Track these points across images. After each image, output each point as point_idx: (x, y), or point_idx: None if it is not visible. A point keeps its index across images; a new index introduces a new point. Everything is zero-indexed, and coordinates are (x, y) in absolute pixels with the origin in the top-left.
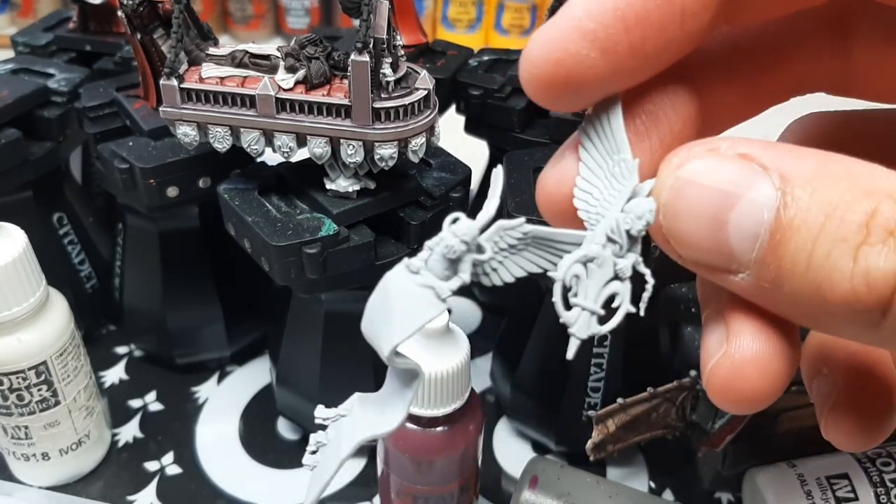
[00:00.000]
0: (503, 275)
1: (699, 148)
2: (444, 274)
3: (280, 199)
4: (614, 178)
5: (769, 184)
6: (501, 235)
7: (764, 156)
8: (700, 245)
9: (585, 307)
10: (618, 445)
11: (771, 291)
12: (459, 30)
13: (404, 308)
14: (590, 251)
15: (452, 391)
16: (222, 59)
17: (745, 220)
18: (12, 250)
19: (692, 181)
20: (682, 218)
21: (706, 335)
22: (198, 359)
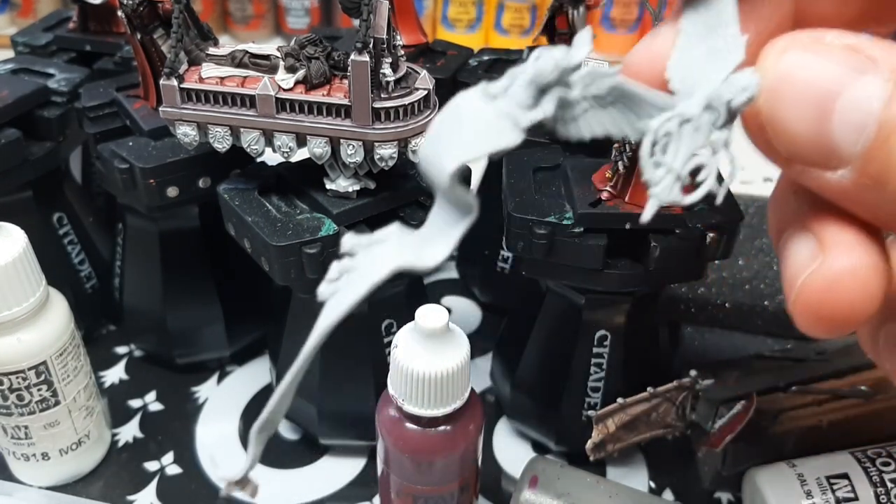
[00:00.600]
0: (582, 127)
1: (805, 36)
2: (525, 103)
3: (280, 199)
4: (717, 52)
5: (879, 75)
6: (592, 80)
7: (873, 48)
8: (801, 135)
9: (673, 168)
10: (618, 445)
11: (873, 189)
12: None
13: (476, 130)
14: (688, 111)
15: (452, 391)
16: (222, 59)
17: (852, 111)
18: (12, 250)
19: (799, 65)
20: (784, 105)
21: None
22: (198, 359)
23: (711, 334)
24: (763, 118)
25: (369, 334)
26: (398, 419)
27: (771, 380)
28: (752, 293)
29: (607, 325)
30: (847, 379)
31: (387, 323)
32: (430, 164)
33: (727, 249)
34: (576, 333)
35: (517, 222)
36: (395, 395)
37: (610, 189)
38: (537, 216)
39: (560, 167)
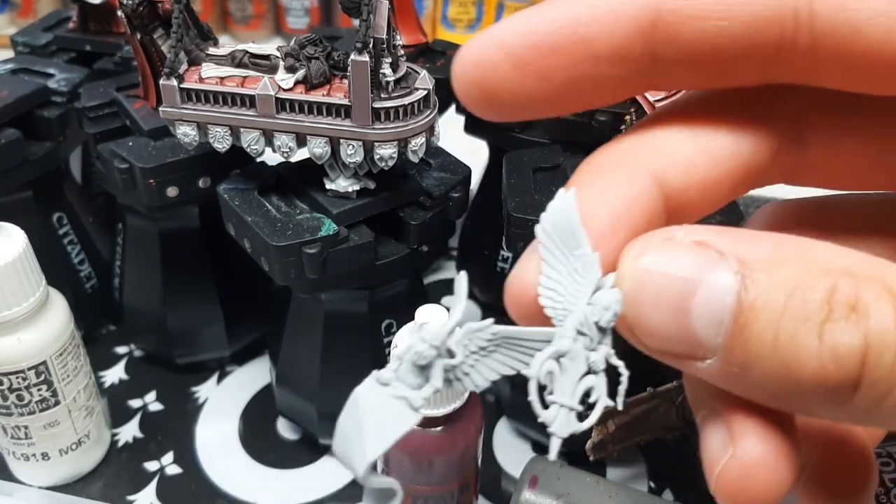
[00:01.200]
0: (476, 379)
1: (656, 238)
2: (415, 382)
3: (280, 199)
4: (577, 272)
5: (727, 268)
6: (471, 338)
7: (720, 242)
8: (665, 333)
9: (564, 404)
10: (618, 445)
11: (740, 375)
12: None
13: (376, 422)
14: (561, 346)
15: (452, 391)
16: (222, 59)
17: (707, 306)
18: (12, 250)
19: (652, 271)
20: (645, 308)
21: (706, 438)
22: (198, 359)
23: None
24: (628, 321)
25: (369, 334)
26: None
27: None
28: None
29: None
30: None
31: (387, 323)
32: (343, 463)
33: None
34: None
35: (517, 222)
36: None
37: None
38: (537, 216)
39: (560, 167)
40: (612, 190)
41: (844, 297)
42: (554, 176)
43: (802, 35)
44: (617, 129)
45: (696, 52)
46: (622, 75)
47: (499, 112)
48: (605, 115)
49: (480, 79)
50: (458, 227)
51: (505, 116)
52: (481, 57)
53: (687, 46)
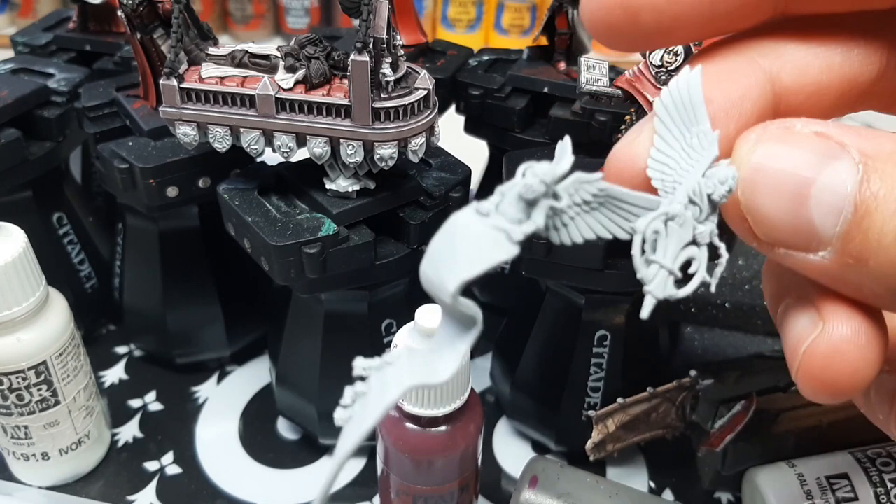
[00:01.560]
0: (573, 233)
1: (775, 126)
2: (516, 217)
3: (280, 199)
4: (692, 149)
5: (850, 159)
6: (577, 188)
7: (841, 134)
8: (780, 221)
9: (664, 265)
10: (618, 445)
11: (855, 268)
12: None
13: (473, 248)
14: (672, 209)
15: (452, 391)
16: (222, 59)
17: (827, 194)
18: (12, 250)
19: (771, 155)
20: (761, 194)
21: (791, 322)
22: (197, 359)
23: (711, 334)
24: (742, 208)
25: (369, 334)
26: (398, 419)
27: (771, 380)
28: (752, 293)
29: (607, 325)
30: None
31: (387, 323)
32: (431, 283)
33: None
34: (576, 333)
35: None
36: None
37: None
38: None
39: None
40: (729, 77)
41: None
42: None
43: None
44: (617, 128)
45: None
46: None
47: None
48: (605, 116)
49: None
50: None
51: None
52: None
53: None
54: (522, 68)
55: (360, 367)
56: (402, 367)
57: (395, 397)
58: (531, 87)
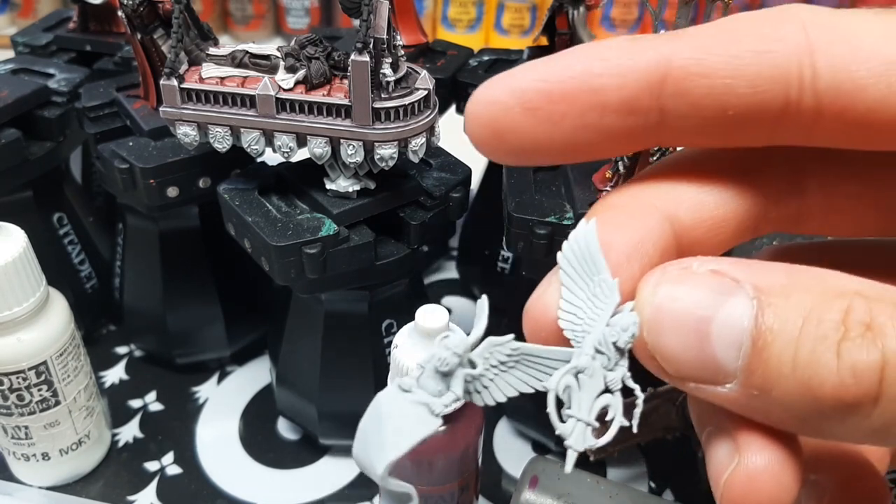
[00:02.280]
0: (494, 393)
1: (672, 268)
2: (436, 390)
3: (280, 199)
4: (596, 297)
5: (744, 294)
6: (492, 351)
7: (734, 270)
8: (686, 359)
9: (580, 418)
10: (618, 446)
11: (760, 398)
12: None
13: (397, 426)
14: (580, 363)
15: None
16: (222, 60)
17: (725, 330)
18: (12, 250)
19: (671, 297)
20: (665, 334)
21: (712, 451)
22: (198, 359)
23: None
24: (650, 349)
25: (369, 334)
26: None
27: None
28: None
29: None
30: None
31: (387, 323)
32: (363, 465)
33: None
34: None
35: (517, 222)
36: None
37: (610, 189)
38: (538, 216)
39: (560, 167)
40: (627, 223)
41: (859, 316)
42: (554, 176)
43: (807, 95)
44: None
45: (704, 109)
46: (630, 127)
47: (508, 154)
48: None
49: (492, 120)
50: (458, 228)
51: (514, 160)
52: (493, 98)
53: (695, 102)
54: None
55: None
56: None
57: None
58: None
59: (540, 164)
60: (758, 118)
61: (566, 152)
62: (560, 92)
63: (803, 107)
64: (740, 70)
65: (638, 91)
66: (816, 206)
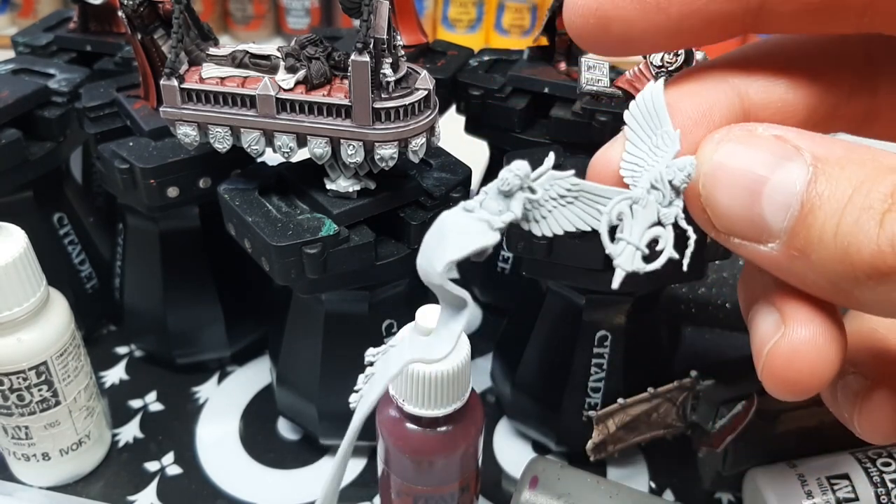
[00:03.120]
0: (552, 224)
1: (738, 128)
2: (497, 209)
3: (280, 200)
4: (658, 148)
5: (802, 161)
6: (553, 183)
7: (797, 138)
8: (735, 214)
9: (630, 241)
10: (618, 446)
11: (800, 260)
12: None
13: (459, 236)
14: (635, 193)
15: (453, 391)
16: (222, 60)
17: (778, 192)
18: (13, 250)
19: (732, 154)
20: (720, 188)
21: (757, 323)
22: (198, 359)
23: (712, 334)
24: (703, 200)
25: (369, 334)
26: (398, 419)
27: None
28: None
29: (608, 325)
30: None
31: (387, 323)
32: (423, 271)
33: (728, 249)
34: (576, 334)
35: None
36: (395, 395)
37: None
38: None
39: (561, 167)
40: (698, 90)
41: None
42: None
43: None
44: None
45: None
46: (733, 12)
47: (613, 44)
48: (605, 116)
49: (598, 9)
50: None
51: (618, 50)
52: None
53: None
54: (523, 69)
55: (369, 354)
56: (403, 347)
57: (397, 371)
58: (532, 87)
59: (641, 52)
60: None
61: (671, 39)
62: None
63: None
64: None
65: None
66: (887, 106)
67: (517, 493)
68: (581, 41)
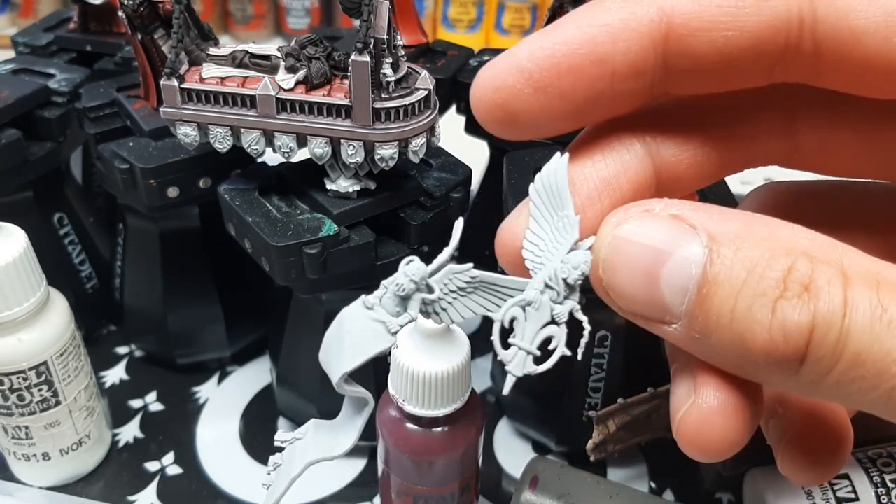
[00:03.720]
0: (452, 315)
1: (636, 209)
2: (395, 310)
3: (280, 200)
4: (559, 232)
5: (698, 242)
6: (451, 278)
7: (694, 217)
8: (635, 297)
9: (521, 347)
10: (618, 446)
11: (701, 341)
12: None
13: (355, 340)
14: (528, 296)
15: (453, 391)
16: (223, 60)
17: (675, 276)
18: (13, 250)
19: (628, 239)
20: (618, 272)
21: (675, 388)
22: (198, 359)
23: None
24: (604, 284)
25: None
26: (399, 419)
27: None
28: None
29: (608, 325)
30: None
31: None
32: (326, 370)
33: None
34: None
35: None
36: (395, 395)
37: None
38: None
39: None
40: (604, 157)
41: (800, 277)
42: None
43: (806, 41)
44: None
45: (707, 61)
46: (637, 88)
47: (520, 132)
48: None
49: (501, 103)
50: None
51: (526, 136)
52: (500, 82)
53: (698, 56)
54: None
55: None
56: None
57: (299, 471)
58: None
59: (552, 135)
60: (758, 64)
61: (580, 119)
62: (567, 66)
63: (803, 52)
64: (741, 21)
65: (644, 54)
66: (808, 147)
67: (517, 494)
68: (491, 130)
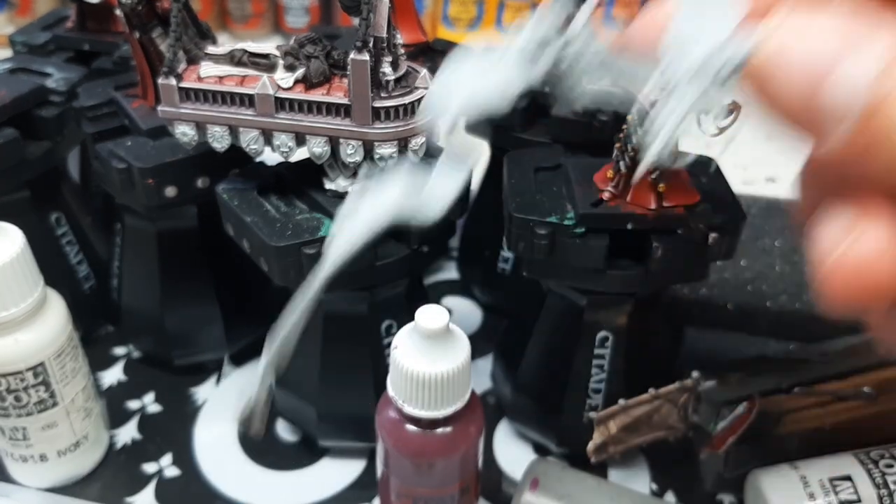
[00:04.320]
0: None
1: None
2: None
3: (279, 199)
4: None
5: (872, 52)
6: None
7: (872, 24)
8: (793, 104)
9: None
10: (619, 447)
11: (862, 155)
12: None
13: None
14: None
15: (453, 392)
16: (221, 58)
17: (842, 86)
18: (10, 250)
19: (796, 36)
20: (779, 74)
21: (823, 226)
22: (196, 360)
23: (713, 335)
24: (760, 81)
25: (369, 335)
26: (398, 421)
27: (773, 381)
28: (754, 294)
29: (609, 326)
30: (850, 380)
31: (387, 324)
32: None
33: (729, 250)
34: (577, 334)
35: (518, 223)
36: (395, 396)
37: (612, 189)
38: (538, 216)
39: (561, 167)
40: None
41: None
42: (555, 176)
43: None
44: (619, 128)
45: None
46: None
47: None
48: (606, 116)
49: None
50: (459, 228)
51: None
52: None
53: None
54: None
55: None
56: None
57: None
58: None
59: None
60: None
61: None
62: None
63: None
64: None
65: None
66: None
67: (518, 495)
68: None
